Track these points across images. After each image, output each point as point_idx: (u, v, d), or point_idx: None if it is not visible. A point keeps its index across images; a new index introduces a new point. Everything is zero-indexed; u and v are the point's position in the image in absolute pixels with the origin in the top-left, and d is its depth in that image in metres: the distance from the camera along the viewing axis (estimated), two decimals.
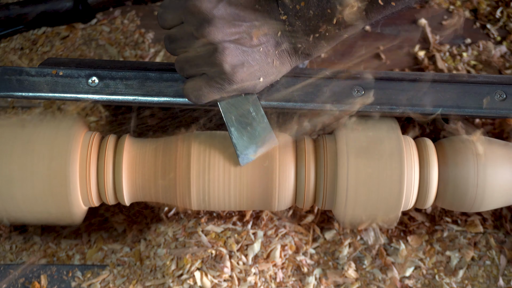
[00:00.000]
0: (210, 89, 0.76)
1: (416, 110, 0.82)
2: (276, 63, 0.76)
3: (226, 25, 0.72)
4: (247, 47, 0.73)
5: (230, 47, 0.73)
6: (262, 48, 0.74)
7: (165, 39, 0.77)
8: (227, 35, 0.72)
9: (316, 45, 0.76)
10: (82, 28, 1.25)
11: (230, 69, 0.73)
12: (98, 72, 0.83)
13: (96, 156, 0.84)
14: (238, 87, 0.76)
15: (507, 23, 1.23)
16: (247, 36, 0.73)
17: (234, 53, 0.73)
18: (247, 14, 0.73)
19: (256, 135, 0.80)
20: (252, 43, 0.74)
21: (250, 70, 0.75)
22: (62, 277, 0.97)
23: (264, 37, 0.74)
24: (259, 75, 0.76)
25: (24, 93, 0.82)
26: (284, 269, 0.97)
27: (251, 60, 0.74)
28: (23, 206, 0.82)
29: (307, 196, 0.84)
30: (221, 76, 0.74)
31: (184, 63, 0.77)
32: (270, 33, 0.74)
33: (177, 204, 0.85)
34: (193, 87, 0.77)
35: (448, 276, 0.97)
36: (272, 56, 0.75)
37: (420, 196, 0.85)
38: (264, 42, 0.74)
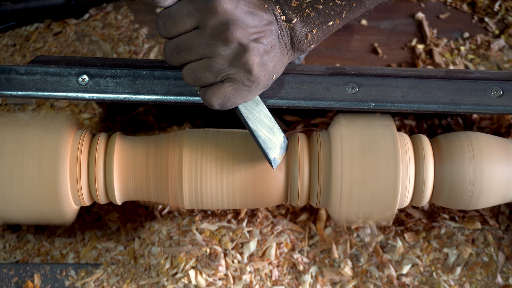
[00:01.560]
0: (238, 93, 0.73)
1: (411, 107, 0.81)
2: (280, 60, 0.75)
3: (249, 24, 0.70)
4: (266, 45, 0.72)
5: (256, 46, 0.71)
6: (273, 46, 0.73)
7: (170, 49, 0.72)
8: (251, 34, 0.70)
9: (311, 40, 0.75)
10: (75, 23, 1.24)
11: (258, 69, 0.71)
12: (88, 70, 0.82)
13: (87, 155, 0.83)
14: (261, 88, 0.74)
15: (505, 17, 1.22)
16: (263, 35, 0.72)
17: (259, 53, 0.71)
18: (260, 12, 0.72)
19: (276, 137, 0.79)
20: (267, 42, 0.72)
21: (269, 69, 0.73)
22: (55, 276, 0.97)
23: (271, 35, 0.73)
24: (273, 73, 0.75)
25: (13, 92, 0.81)
26: (279, 267, 0.96)
27: (268, 59, 0.73)
28: (14, 206, 0.81)
29: (301, 194, 0.83)
30: (250, 78, 0.72)
31: (199, 71, 0.71)
32: (276, 31, 0.73)
33: (170, 203, 0.84)
34: (217, 94, 0.72)
35: (445, 273, 0.96)
36: (278, 54, 0.74)
37: (416, 193, 0.84)
38: (272, 40, 0.73)
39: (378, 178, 0.79)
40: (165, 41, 1.21)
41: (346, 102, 0.81)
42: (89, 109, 1.13)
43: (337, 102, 0.82)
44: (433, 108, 0.81)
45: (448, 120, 1.09)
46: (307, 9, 0.73)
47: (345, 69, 0.84)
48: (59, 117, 0.85)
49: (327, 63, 1.17)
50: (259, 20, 0.71)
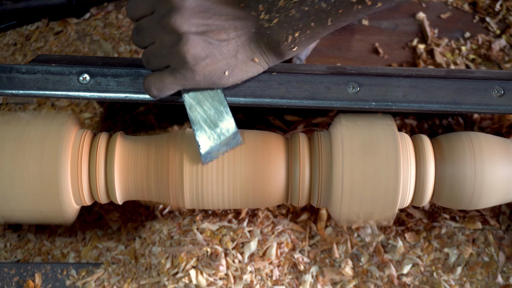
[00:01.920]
0: (172, 80, 0.75)
1: (412, 106, 0.81)
2: (247, 59, 0.75)
3: (194, 15, 0.72)
4: (214, 40, 0.73)
5: (195, 38, 0.72)
6: (231, 42, 0.73)
7: (133, 31, 0.77)
8: (194, 25, 0.72)
9: (293, 43, 0.74)
10: (76, 23, 1.24)
11: (192, 60, 0.72)
12: (89, 69, 0.82)
13: (88, 155, 0.83)
14: (201, 80, 0.75)
15: (506, 16, 1.22)
16: (216, 29, 0.73)
17: (198, 45, 0.72)
18: (220, 7, 0.73)
19: (220, 133, 0.79)
20: (220, 37, 0.73)
21: (215, 64, 0.74)
22: (56, 275, 0.97)
23: (234, 32, 0.73)
24: (224, 69, 0.75)
25: (14, 90, 0.81)
26: (280, 267, 0.96)
27: (217, 54, 0.73)
28: (14, 205, 0.81)
29: (302, 194, 0.83)
30: (184, 66, 0.73)
31: (149, 55, 0.76)
32: (243, 29, 0.73)
33: (170, 202, 0.84)
34: (155, 79, 0.76)
35: (446, 273, 0.96)
36: (243, 53, 0.74)
37: (417, 193, 0.83)
38: (234, 38, 0.73)
39: (379, 178, 0.79)
40: None
41: (347, 102, 0.81)
42: (90, 108, 1.13)
43: (338, 102, 0.81)
44: (434, 107, 0.81)
45: (449, 120, 1.09)
46: (293, 9, 0.72)
47: (346, 69, 0.84)
48: (60, 116, 0.85)
49: (328, 63, 1.17)
50: (215, 13, 0.72)
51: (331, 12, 0.71)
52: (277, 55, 0.76)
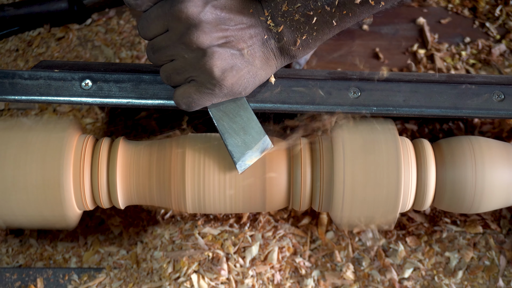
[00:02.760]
0: (201, 96, 0.75)
1: (413, 111, 0.81)
2: (263, 65, 0.76)
3: (214, 29, 0.71)
4: (235, 50, 0.73)
5: (219, 51, 0.72)
6: (249, 50, 0.74)
7: (148, 49, 0.76)
8: (215, 39, 0.72)
9: (301, 46, 0.75)
10: (77, 29, 1.24)
11: (220, 73, 0.73)
12: (91, 75, 0.82)
13: (90, 160, 0.83)
14: (229, 92, 0.75)
15: (506, 21, 1.22)
16: (234, 39, 0.73)
17: (223, 57, 0.72)
18: (233, 16, 0.72)
19: (250, 140, 0.79)
20: (240, 46, 0.73)
21: (240, 74, 0.74)
22: (58, 280, 0.97)
23: (250, 40, 0.74)
24: (248, 77, 0.75)
25: (17, 96, 0.82)
26: (282, 271, 0.96)
27: (239, 63, 0.73)
28: (17, 210, 0.82)
29: (304, 198, 0.83)
30: (211, 82, 0.74)
31: (170, 72, 0.75)
32: (256, 35, 0.74)
33: (172, 207, 0.84)
34: (182, 94, 0.76)
35: (447, 277, 0.96)
36: (259, 58, 0.75)
37: (418, 197, 0.84)
38: (251, 45, 0.74)
39: (380, 182, 0.79)
40: None
41: (348, 107, 0.82)
42: (91, 113, 1.13)
43: (339, 107, 0.82)
44: (434, 112, 0.81)
45: (449, 124, 1.09)
46: (297, 14, 0.73)
47: (347, 74, 0.85)
48: (62, 121, 0.85)
49: (328, 68, 1.17)
50: (232, 24, 0.72)
51: (335, 14, 0.72)
52: (287, 58, 0.77)
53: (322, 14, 0.72)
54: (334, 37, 0.78)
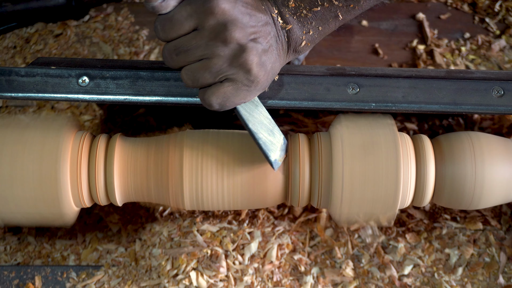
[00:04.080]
0: (237, 93, 0.73)
1: (412, 107, 0.81)
2: (278, 60, 0.75)
3: (247, 25, 0.70)
4: (263, 45, 0.72)
5: (255, 46, 0.71)
6: (270, 46, 0.73)
7: (169, 51, 0.72)
8: (249, 35, 0.70)
9: (308, 41, 0.76)
10: (75, 25, 1.24)
11: (257, 69, 0.71)
12: (88, 71, 0.82)
13: (87, 157, 0.82)
14: (261, 88, 0.74)
15: (506, 17, 1.22)
16: (260, 35, 0.71)
17: (257, 53, 0.71)
18: (256, 13, 0.71)
19: (276, 139, 0.79)
20: (265, 42, 0.72)
21: (267, 69, 0.73)
22: (56, 278, 0.97)
23: (269, 36, 0.73)
24: (272, 73, 0.75)
25: (13, 93, 0.81)
26: (281, 268, 0.96)
27: (267, 59, 0.72)
28: (14, 207, 0.81)
29: (302, 195, 0.83)
30: (249, 78, 0.72)
31: (199, 72, 0.71)
32: (271, 31, 0.73)
33: (170, 204, 0.84)
34: (216, 94, 0.72)
35: (447, 274, 0.96)
36: (276, 54, 0.74)
37: (417, 193, 0.83)
38: (270, 40, 0.73)
39: (379, 178, 0.79)
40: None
41: (347, 103, 0.81)
42: (89, 111, 1.13)
43: (337, 103, 0.81)
44: (434, 108, 0.81)
45: (449, 120, 1.09)
46: (304, 10, 0.73)
47: (346, 70, 0.84)
48: (60, 118, 0.85)
49: (327, 64, 1.16)
50: (256, 21, 0.71)
51: (342, 7, 0.73)
52: (294, 53, 0.77)
53: (329, 9, 0.73)
54: (333, 33, 0.77)
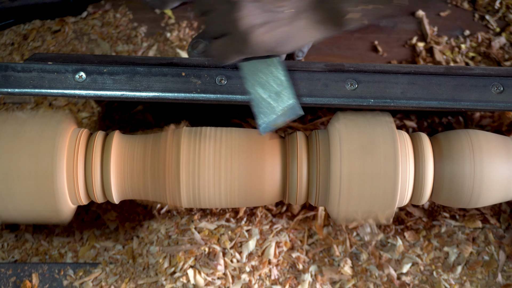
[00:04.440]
0: (230, 49, 0.74)
1: (411, 103, 0.80)
2: (308, 27, 0.73)
3: None
4: (271, 6, 0.71)
5: (250, 5, 0.70)
6: (290, 9, 0.72)
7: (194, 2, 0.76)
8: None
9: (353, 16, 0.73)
10: (73, 22, 1.23)
11: (247, 28, 0.71)
12: (85, 67, 0.81)
13: (84, 154, 0.82)
14: (258, 48, 0.74)
15: (506, 14, 1.22)
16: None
17: (253, 12, 0.70)
18: None
19: (278, 103, 0.77)
20: (279, 4, 0.71)
21: (272, 32, 0.72)
22: (53, 275, 0.96)
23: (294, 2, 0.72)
24: (281, 37, 0.73)
25: (10, 89, 0.81)
26: (279, 266, 0.95)
27: (274, 21, 0.71)
28: (10, 205, 0.81)
29: (300, 193, 0.82)
30: (240, 34, 0.72)
31: (207, 23, 0.75)
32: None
33: (167, 202, 0.84)
34: (214, 47, 0.76)
35: (446, 272, 0.95)
36: (301, 20, 0.72)
37: (416, 192, 0.83)
38: (294, 2, 0.71)
39: (377, 176, 0.78)
40: (163, 40, 1.21)
41: (345, 99, 0.81)
42: (87, 107, 1.13)
43: (336, 99, 0.81)
44: (433, 104, 0.81)
45: (448, 118, 1.08)
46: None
47: (344, 66, 0.84)
48: (57, 115, 0.84)
49: (327, 61, 1.16)
50: None
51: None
52: (336, 26, 0.74)
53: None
54: None
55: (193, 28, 1.22)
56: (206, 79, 0.81)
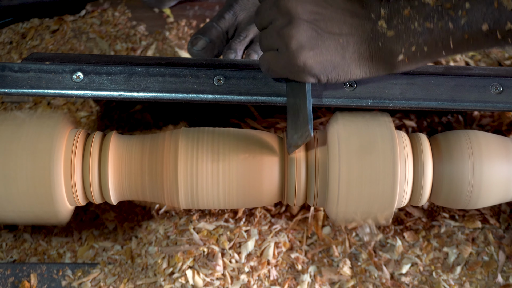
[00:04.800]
0: (276, 64, 0.74)
1: (409, 104, 0.80)
2: (355, 62, 0.72)
3: (311, 2, 0.69)
4: (324, 31, 0.69)
5: (304, 24, 0.69)
6: (342, 39, 0.70)
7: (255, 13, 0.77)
8: (307, 12, 0.69)
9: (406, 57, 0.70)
10: (72, 20, 1.23)
11: (295, 47, 0.70)
12: (83, 67, 0.81)
13: (81, 154, 0.82)
14: (303, 70, 0.72)
15: None
16: (329, 21, 0.69)
17: (306, 33, 0.69)
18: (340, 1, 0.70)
19: (298, 125, 0.75)
20: (332, 30, 0.70)
21: (318, 58, 0.71)
22: (52, 275, 0.96)
23: (348, 29, 0.70)
24: (327, 66, 0.71)
25: (7, 89, 0.80)
26: (278, 267, 0.95)
27: (323, 47, 0.70)
28: (7, 206, 0.80)
29: (298, 194, 0.82)
30: (287, 52, 0.71)
31: (262, 35, 0.75)
32: (357, 27, 0.70)
33: (165, 203, 0.83)
34: (263, 58, 0.75)
35: (445, 273, 0.95)
36: (351, 53, 0.71)
37: (414, 193, 0.82)
38: (347, 34, 0.70)
39: (376, 177, 0.78)
40: (162, 38, 1.20)
41: (344, 99, 0.80)
42: (86, 107, 1.12)
43: (334, 99, 0.81)
44: (432, 105, 0.80)
45: (448, 117, 1.08)
46: (417, 22, 0.67)
47: None
48: (55, 115, 0.84)
49: None
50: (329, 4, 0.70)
51: (456, 35, 0.67)
52: (386, 66, 0.72)
53: (442, 31, 0.67)
54: None
55: (192, 27, 1.22)
56: (204, 79, 0.81)
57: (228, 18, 0.96)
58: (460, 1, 0.65)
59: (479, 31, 0.65)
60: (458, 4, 0.66)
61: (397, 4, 0.69)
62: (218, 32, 0.95)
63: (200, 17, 1.24)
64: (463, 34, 0.66)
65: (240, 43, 0.93)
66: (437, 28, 0.67)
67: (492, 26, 0.64)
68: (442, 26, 0.67)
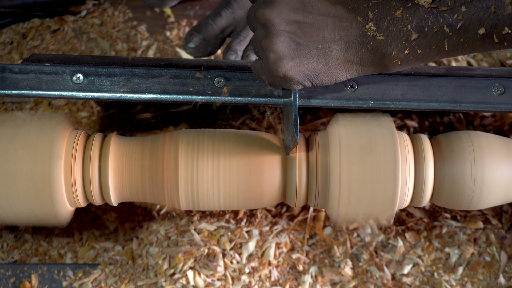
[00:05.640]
0: (262, 72, 0.73)
1: (411, 105, 0.80)
2: (341, 66, 0.70)
3: (288, 10, 0.67)
4: (304, 40, 0.68)
5: (282, 36, 0.68)
6: (323, 46, 0.68)
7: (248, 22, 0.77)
8: (284, 22, 0.68)
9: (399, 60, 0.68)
10: (72, 20, 1.23)
11: (274, 59, 0.69)
12: (83, 68, 0.81)
13: (82, 156, 0.81)
14: (284, 80, 0.71)
15: None
16: (309, 29, 0.68)
17: (284, 44, 0.68)
18: (321, 5, 0.68)
19: (288, 128, 0.76)
20: (312, 38, 0.68)
21: (299, 68, 0.69)
22: (53, 276, 0.96)
23: (331, 35, 0.68)
24: (309, 74, 0.70)
25: (7, 91, 0.80)
26: (279, 267, 0.95)
27: (303, 57, 0.69)
28: (8, 207, 0.80)
29: (299, 195, 0.82)
30: (267, 63, 0.71)
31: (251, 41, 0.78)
32: (342, 32, 0.68)
33: (166, 204, 0.83)
34: (253, 65, 0.75)
35: (447, 273, 0.95)
36: (338, 58, 0.69)
37: (416, 194, 0.82)
38: (329, 41, 0.68)
39: (377, 178, 0.78)
40: (163, 38, 1.20)
41: (345, 101, 0.80)
42: (87, 107, 1.12)
43: (335, 101, 0.80)
44: (433, 106, 0.80)
45: (450, 117, 1.07)
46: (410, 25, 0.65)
47: None
48: (55, 116, 0.84)
49: None
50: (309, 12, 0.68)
51: (452, 38, 0.65)
52: (376, 68, 0.70)
53: (437, 34, 0.65)
54: None
55: None
56: (205, 81, 0.81)
57: (225, 15, 0.95)
58: (456, 4, 0.63)
59: (475, 35, 0.64)
60: (454, 7, 0.64)
61: (388, 5, 0.66)
62: (213, 29, 0.95)
63: (201, 17, 1.24)
64: (459, 37, 0.65)
65: (240, 43, 0.93)
66: (431, 31, 0.65)
67: (489, 30, 0.63)
68: (437, 30, 0.65)
